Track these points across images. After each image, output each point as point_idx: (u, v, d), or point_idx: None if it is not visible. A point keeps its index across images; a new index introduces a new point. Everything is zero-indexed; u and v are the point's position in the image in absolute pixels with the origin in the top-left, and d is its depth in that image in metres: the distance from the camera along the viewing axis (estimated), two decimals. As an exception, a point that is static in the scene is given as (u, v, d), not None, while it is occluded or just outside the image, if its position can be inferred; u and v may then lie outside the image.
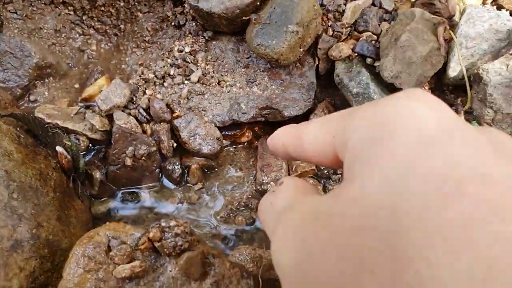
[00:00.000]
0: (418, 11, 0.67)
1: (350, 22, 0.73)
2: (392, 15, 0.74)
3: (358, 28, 0.73)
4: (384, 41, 0.70)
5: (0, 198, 0.52)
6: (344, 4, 0.74)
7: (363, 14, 0.73)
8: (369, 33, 0.72)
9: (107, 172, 0.68)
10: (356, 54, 0.71)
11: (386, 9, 0.74)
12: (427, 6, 0.72)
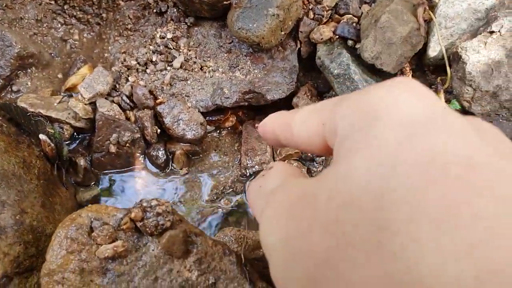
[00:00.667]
0: (397, -8, 0.68)
1: (331, 5, 0.73)
2: (372, -3, 0.75)
3: (339, 11, 0.74)
4: (364, 23, 0.70)
5: (-17, 185, 0.52)
6: (325, -13, 0.74)
7: (343, -4, 0.73)
8: (350, 15, 0.73)
9: (92, 160, 0.68)
10: (337, 37, 0.71)
11: (366, -9, 0.75)
12: (406, -13, 0.72)
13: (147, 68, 0.73)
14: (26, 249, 0.51)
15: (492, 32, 0.66)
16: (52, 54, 0.78)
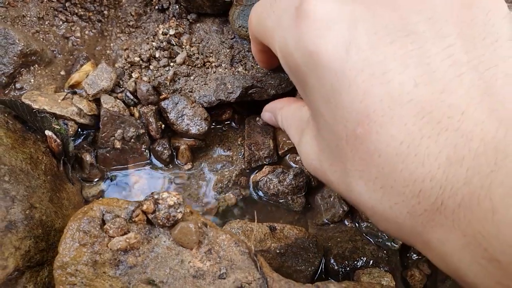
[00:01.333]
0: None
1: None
2: None
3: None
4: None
5: (-8, 181, 0.52)
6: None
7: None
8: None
9: (97, 155, 0.69)
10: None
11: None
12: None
13: (150, 64, 0.73)
14: (37, 243, 0.51)
15: None
16: (55, 52, 0.78)
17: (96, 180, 0.69)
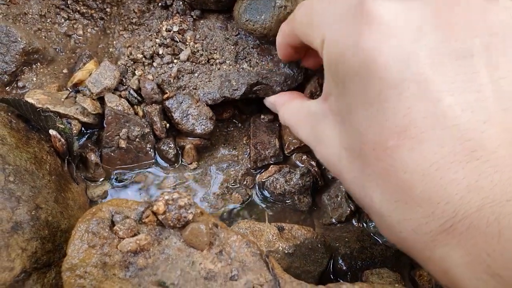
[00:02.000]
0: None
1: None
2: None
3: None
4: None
5: (-3, 181, 0.51)
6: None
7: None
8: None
9: (101, 155, 0.68)
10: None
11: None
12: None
13: (153, 61, 0.73)
14: (43, 244, 0.50)
15: None
16: (57, 50, 0.77)
17: (101, 180, 0.68)
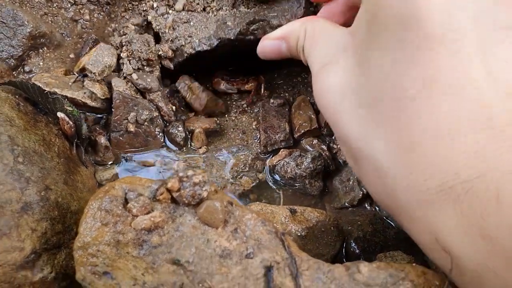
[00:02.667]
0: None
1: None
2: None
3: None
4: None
5: (6, 162, 0.50)
6: None
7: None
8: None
9: (110, 139, 0.67)
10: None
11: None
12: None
13: (148, 14, 0.73)
14: (53, 225, 0.50)
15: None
16: (63, 34, 0.76)
17: (109, 163, 0.67)
